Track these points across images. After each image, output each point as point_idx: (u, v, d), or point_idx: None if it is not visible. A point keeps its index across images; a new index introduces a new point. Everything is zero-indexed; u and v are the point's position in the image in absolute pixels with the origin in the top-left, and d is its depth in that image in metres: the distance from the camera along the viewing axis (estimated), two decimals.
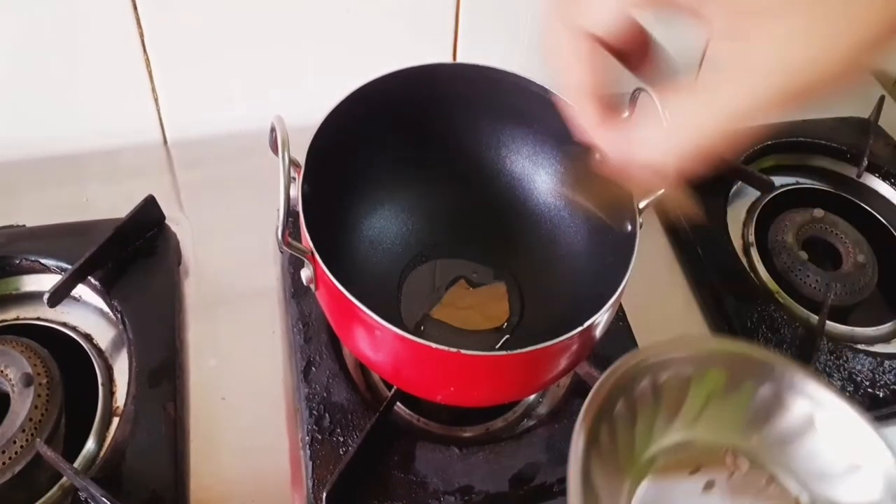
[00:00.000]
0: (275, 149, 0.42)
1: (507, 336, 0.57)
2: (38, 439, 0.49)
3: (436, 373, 0.45)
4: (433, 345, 0.41)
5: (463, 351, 0.41)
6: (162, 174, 0.71)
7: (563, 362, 0.47)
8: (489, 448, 0.52)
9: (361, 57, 0.72)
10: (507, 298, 0.58)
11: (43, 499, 0.50)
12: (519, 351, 0.42)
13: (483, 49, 0.75)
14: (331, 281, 0.42)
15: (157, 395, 0.54)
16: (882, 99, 0.81)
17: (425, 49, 0.73)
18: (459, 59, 0.75)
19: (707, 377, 0.47)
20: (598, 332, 0.47)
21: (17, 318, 0.60)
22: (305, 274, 0.46)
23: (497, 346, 0.56)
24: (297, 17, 0.68)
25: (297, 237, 0.45)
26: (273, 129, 0.42)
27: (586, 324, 0.43)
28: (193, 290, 0.62)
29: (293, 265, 0.60)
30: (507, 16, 0.73)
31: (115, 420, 0.54)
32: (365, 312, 0.41)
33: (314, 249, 0.44)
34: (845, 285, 0.66)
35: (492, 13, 0.73)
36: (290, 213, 0.41)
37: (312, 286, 0.46)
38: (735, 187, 0.74)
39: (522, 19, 0.74)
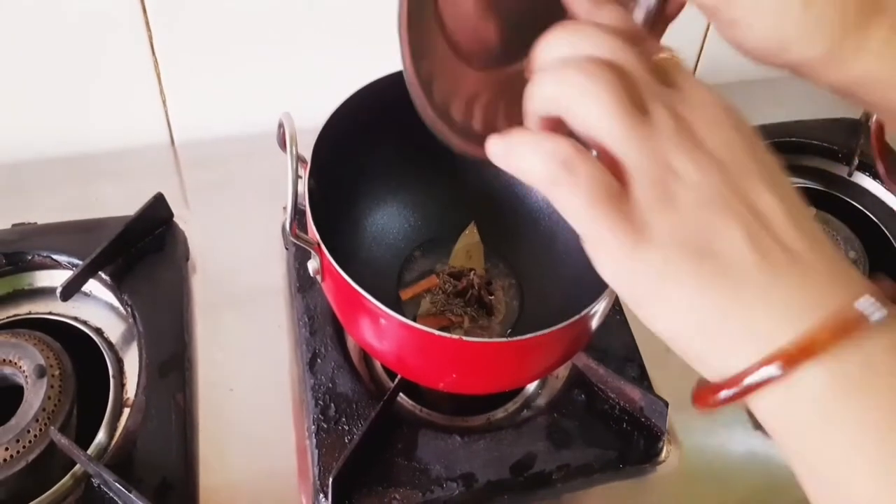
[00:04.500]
0: (283, 145, 0.44)
1: (510, 328, 0.58)
2: (52, 427, 0.51)
3: (438, 360, 0.46)
4: (436, 332, 0.43)
5: (464, 338, 0.43)
6: (170, 173, 0.73)
7: (561, 350, 0.48)
8: (490, 437, 0.54)
9: (365, 57, 0.73)
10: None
11: (56, 486, 0.51)
12: (518, 338, 0.43)
13: None
14: (337, 271, 0.44)
15: (167, 387, 0.55)
16: None
17: None
18: None
19: None
20: (594, 322, 0.48)
21: (30, 313, 0.61)
22: (312, 266, 0.47)
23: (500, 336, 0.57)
24: (301, 21, 0.70)
25: (304, 231, 0.47)
26: (281, 126, 0.44)
27: (583, 313, 0.44)
28: (201, 286, 0.63)
29: (299, 260, 0.62)
30: None
31: (126, 411, 0.56)
32: (370, 301, 0.43)
33: (320, 241, 0.45)
34: None
35: None
36: (296, 208, 0.43)
37: (319, 277, 0.48)
38: None
39: None
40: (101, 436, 0.54)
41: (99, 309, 0.62)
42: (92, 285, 0.62)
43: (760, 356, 0.26)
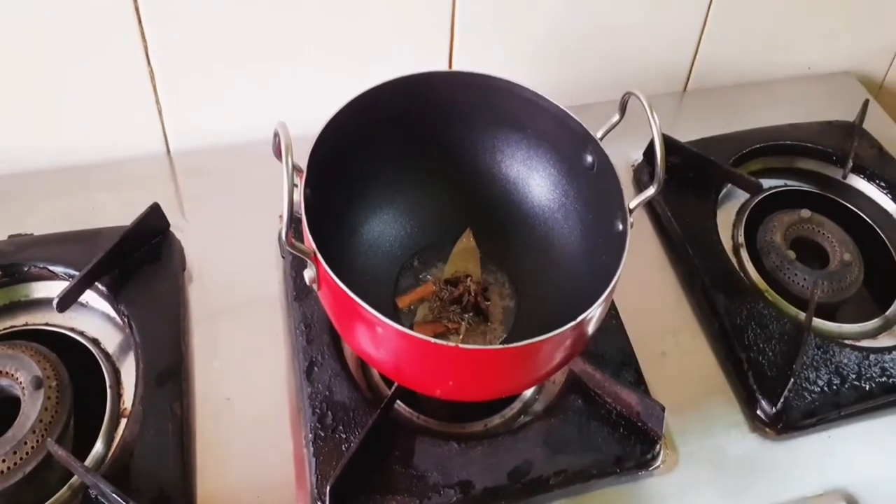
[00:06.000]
0: (278, 154, 0.44)
1: (505, 334, 0.59)
2: (49, 438, 0.51)
3: (435, 367, 0.46)
4: (432, 340, 0.43)
5: (461, 345, 0.43)
6: (166, 183, 0.73)
7: (557, 356, 0.48)
8: (487, 443, 0.54)
9: (359, 66, 0.74)
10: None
11: (53, 498, 0.51)
12: (514, 345, 0.43)
13: (477, 57, 0.77)
14: (333, 280, 0.44)
15: (164, 396, 0.55)
16: (866, 103, 0.83)
17: (422, 58, 0.75)
18: (455, 68, 0.77)
19: None
20: (590, 328, 0.48)
21: (27, 324, 0.61)
22: (308, 275, 0.47)
23: (497, 342, 0.57)
24: (297, 30, 0.70)
25: (300, 240, 0.47)
26: (276, 135, 0.44)
27: (579, 318, 0.44)
28: (198, 295, 0.63)
29: (295, 269, 0.62)
30: (501, 25, 0.75)
31: (123, 421, 0.56)
32: (366, 309, 0.43)
33: (316, 250, 0.45)
34: (832, 283, 0.67)
35: (486, 23, 0.75)
36: (292, 217, 0.43)
37: (315, 286, 0.48)
38: (724, 190, 0.75)
39: (515, 29, 0.76)
40: (98, 446, 0.54)
41: (96, 319, 0.62)
42: (88, 296, 0.62)
43: None
